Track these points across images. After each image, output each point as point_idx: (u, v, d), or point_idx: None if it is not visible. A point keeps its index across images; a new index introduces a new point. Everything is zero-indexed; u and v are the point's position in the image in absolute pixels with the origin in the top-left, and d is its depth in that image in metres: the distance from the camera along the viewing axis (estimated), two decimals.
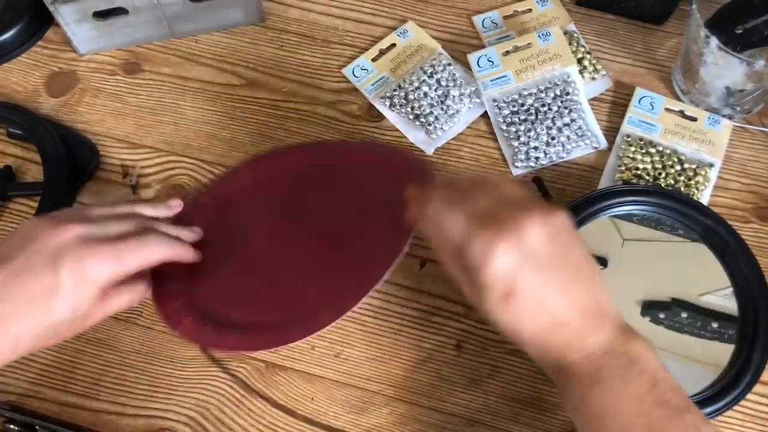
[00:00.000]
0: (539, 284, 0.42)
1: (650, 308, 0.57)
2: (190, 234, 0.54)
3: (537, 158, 0.65)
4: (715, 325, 0.56)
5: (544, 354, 0.44)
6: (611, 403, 0.42)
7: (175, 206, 0.56)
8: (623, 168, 0.64)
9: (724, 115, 0.66)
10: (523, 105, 0.67)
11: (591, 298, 0.44)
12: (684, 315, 0.57)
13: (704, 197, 0.63)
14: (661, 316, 0.57)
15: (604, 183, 0.64)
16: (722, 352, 0.55)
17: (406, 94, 0.68)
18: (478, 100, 0.68)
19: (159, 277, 0.53)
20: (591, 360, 0.42)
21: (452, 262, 0.44)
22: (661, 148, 0.65)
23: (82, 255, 0.46)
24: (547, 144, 0.65)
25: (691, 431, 0.41)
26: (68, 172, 0.64)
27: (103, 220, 0.49)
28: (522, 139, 0.66)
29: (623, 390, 0.42)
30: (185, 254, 0.52)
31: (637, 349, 0.43)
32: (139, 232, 0.49)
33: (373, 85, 0.70)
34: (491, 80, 0.68)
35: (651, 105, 0.67)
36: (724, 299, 0.57)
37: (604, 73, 0.70)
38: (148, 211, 0.54)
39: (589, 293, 0.44)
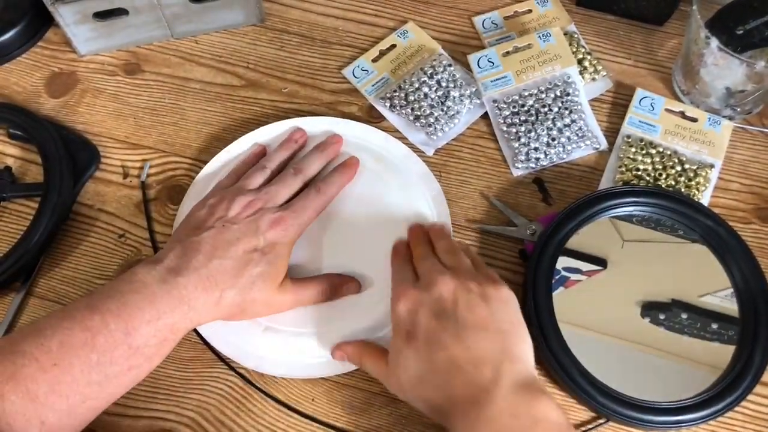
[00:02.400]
0: (435, 327, 0.48)
1: (650, 309, 0.57)
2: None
3: (537, 159, 0.65)
4: (715, 326, 0.56)
5: (448, 403, 0.46)
6: None
7: (299, 137, 0.64)
8: (624, 169, 0.64)
9: (724, 116, 0.66)
10: (523, 106, 0.67)
11: (494, 354, 0.46)
12: (684, 316, 0.57)
13: (705, 198, 0.63)
14: (661, 317, 0.57)
15: (604, 184, 0.64)
16: (722, 353, 0.55)
17: (407, 95, 0.68)
18: (478, 101, 0.68)
19: None
20: (491, 420, 0.44)
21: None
22: (661, 149, 0.65)
23: (273, 226, 0.54)
24: (548, 145, 0.65)
25: None
26: (68, 172, 0.64)
27: (266, 187, 0.57)
28: (522, 139, 0.66)
29: None
30: (340, 188, 0.61)
31: (540, 410, 0.44)
32: (303, 194, 0.58)
33: (373, 86, 0.70)
34: (491, 81, 0.68)
35: (651, 106, 0.67)
36: (724, 300, 0.57)
37: (605, 73, 0.70)
38: (282, 155, 0.62)
39: (495, 350, 0.47)
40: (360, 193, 0.62)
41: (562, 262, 0.58)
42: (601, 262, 0.59)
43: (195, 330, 0.58)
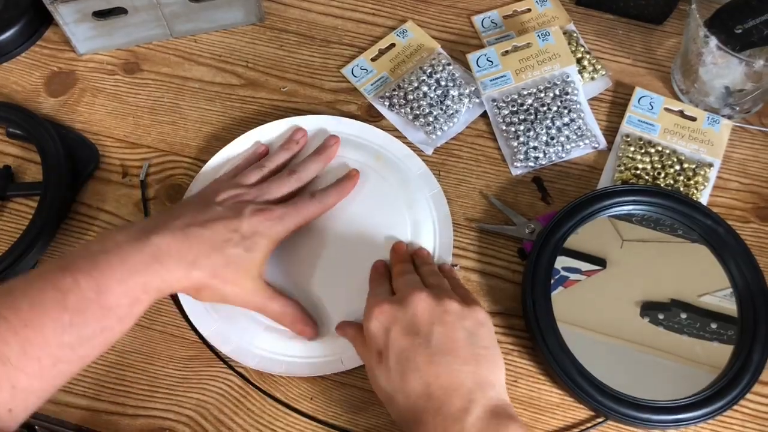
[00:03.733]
0: (407, 347, 0.47)
1: (649, 309, 0.57)
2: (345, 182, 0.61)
3: (536, 158, 0.65)
4: (714, 325, 0.56)
5: (417, 426, 0.46)
6: None
7: (301, 138, 0.64)
8: (622, 168, 0.64)
9: (723, 115, 0.66)
10: (522, 105, 0.67)
11: (466, 383, 0.46)
12: (683, 316, 0.57)
13: (704, 197, 0.63)
14: (661, 316, 0.57)
15: (603, 183, 0.64)
16: (721, 352, 0.55)
17: (406, 94, 0.68)
18: (477, 100, 0.68)
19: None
20: None
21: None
22: (660, 148, 0.65)
23: (258, 213, 0.54)
24: (547, 144, 0.65)
25: None
26: (68, 171, 0.64)
27: (259, 184, 0.58)
28: (521, 138, 0.66)
29: None
30: (337, 199, 0.60)
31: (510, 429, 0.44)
32: (297, 198, 0.58)
33: (372, 84, 0.70)
34: (490, 80, 0.68)
35: (650, 105, 0.67)
36: (723, 300, 0.57)
37: (604, 72, 0.70)
38: (282, 156, 0.62)
39: (467, 378, 0.46)
40: (360, 191, 0.62)
41: (562, 261, 0.58)
42: (600, 262, 0.59)
43: (195, 330, 0.58)
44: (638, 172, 0.64)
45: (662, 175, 0.63)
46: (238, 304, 0.54)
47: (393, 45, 0.72)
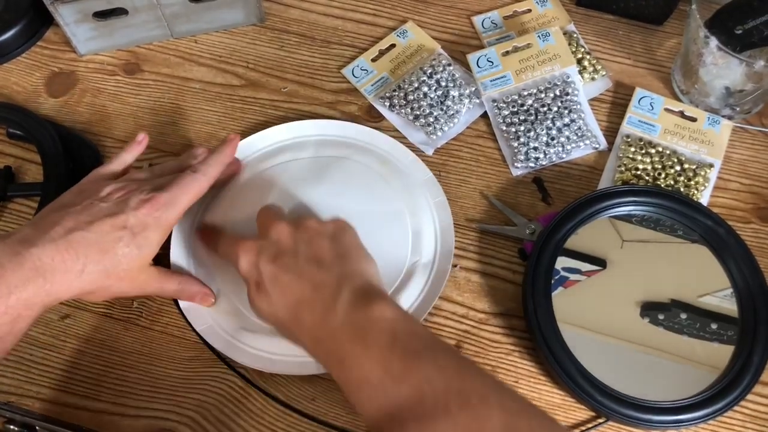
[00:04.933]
0: (278, 269, 0.49)
1: (649, 309, 0.57)
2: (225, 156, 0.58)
3: (537, 158, 0.65)
4: (714, 326, 0.56)
5: (305, 335, 0.47)
6: (361, 376, 0.43)
7: (200, 154, 0.59)
8: (623, 168, 0.64)
9: (723, 116, 0.66)
10: (522, 105, 0.67)
11: (332, 278, 0.48)
12: (683, 316, 0.57)
13: (704, 197, 0.63)
14: (661, 317, 0.57)
15: (603, 183, 0.64)
16: (722, 353, 0.55)
17: (406, 95, 0.68)
18: (477, 101, 0.68)
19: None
20: (332, 332, 0.45)
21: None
22: (660, 149, 0.65)
23: (144, 204, 0.51)
24: (547, 144, 0.65)
25: (430, 367, 0.42)
26: (68, 172, 0.64)
27: (150, 178, 0.56)
28: (522, 139, 0.66)
29: (366, 357, 0.43)
30: (219, 166, 0.57)
31: (377, 310, 0.45)
32: (177, 176, 0.55)
33: (372, 85, 0.70)
34: (491, 80, 0.68)
35: (651, 105, 0.67)
36: (723, 300, 0.57)
37: (604, 73, 0.70)
38: (171, 164, 0.59)
39: (333, 274, 0.48)
40: (363, 193, 0.62)
41: (562, 262, 0.58)
42: (601, 262, 0.59)
43: (195, 330, 0.58)
44: (639, 172, 0.64)
45: (663, 175, 0.63)
46: (134, 294, 0.55)
47: (393, 45, 0.72)
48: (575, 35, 0.72)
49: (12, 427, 0.57)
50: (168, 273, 0.56)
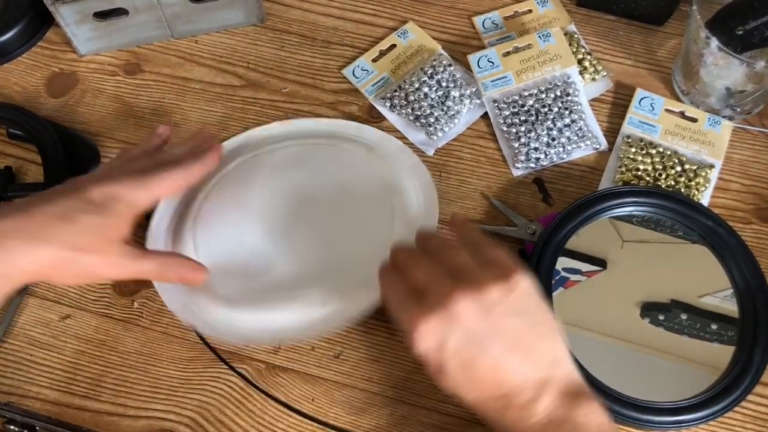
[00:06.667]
0: (466, 359, 0.43)
1: (650, 310, 0.57)
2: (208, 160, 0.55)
3: (537, 159, 0.65)
4: (714, 326, 0.56)
5: (495, 424, 0.45)
6: None
7: (162, 132, 0.58)
8: (623, 169, 0.64)
9: (724, 116, 0.66)
10: (523, 106, 0.67)
11: (532, 367, 0.44)
12: (684, 317, 0.57)
13: (705, 198, 0.63)
14: (661, 317, 0.57)
15: (604, 184, 0.64)
16: (722, 353, 0.55)
17: (407, 95, 0.68)
18: (478, 101, 0.68)
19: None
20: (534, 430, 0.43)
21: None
22: (661, 149, 0.65)
23: (110, 180, 0.49)
24: (548, 145, 0.65)
25: None
26: (68, 172, 0.64)
27: (125, 162, 0.53)
28: (522, 140, 0.66)
29: None
30: (198, 174, 0.54)
31: (583, 415, 0.43)
32: (157, 165, 0.52)
33: (373, 85, 0.70)
34: (492, 81, 0.68)
35: (651, 106, 0.67)
36: (723, 301, 0.57)
37: (605, 74, 0.70)
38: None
39: (531, 362, 0.44)
40: (347, 179, 0.62)
41: (562, 262, 0.58)
42: (601, 263, 0.59)
43: (195, 330, 0.58)
44: (639, 173, 0.64)
45: (663, 176, 0.63)
46: (108, 274, 0.50)
47: (394, 46, 0.72)
48: (576, 36, 0.72)
49: (12, 427, 0.57)
50: (145, 252, 0.53)
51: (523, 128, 0.66)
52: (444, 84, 0.68)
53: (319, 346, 0.58)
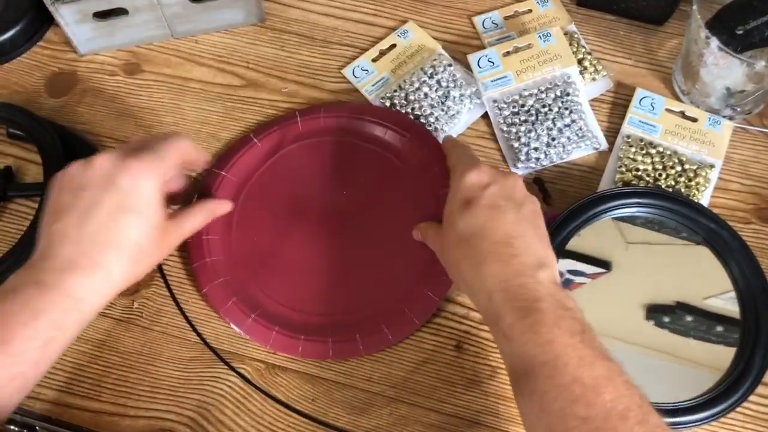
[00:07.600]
0: (501, 204, 0.51)
1: (654, 312, 0.57)
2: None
3: (537, 159, 0.65)
4: (719, 328, 0.56)
5: (488, 276, 0.48)
6: (547, 338, 0.45)
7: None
8: (623, 169, 0.64)
9: (724, 116, 0.66)
10: (523, 106, 0.67)
11: (538, 246, 0.50)
12: (689, 318, 0.56)
13: (705, 198, 0.63)
14: (666, 319, 0.57)
15: (604, 184, 0.64)
16: (725, 354, 0.55)
17: (407, 95, 0.68)
18: (478, 101, 0.68)
19: (200, 250, 0.60)
20: (531, 291, 0.47)
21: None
22: (661, 149, 0.65)
23: (127, 166, 0.50)
24: (548, 145, 0.65)
25: (614, 374, 0.44)
26: None
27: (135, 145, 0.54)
28: (522, 139, 0.65)
29: (556, 324, 0.45)
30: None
31: (570, 301, 0.47)
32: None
33: (373, 85, 0.70)
34: (492, 81, 0.68)
35: (651, 106, 0.67)
36: (728, 302, 0.57)
37: (605, 73, 0.70)
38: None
39: (537, 244, 0.50)
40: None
41: (566, 264, 0.58)
42: (605, 265, 0.59)
43: (195, 330, 0.58)
44: (639, 173, 0.64)
45: (663, 176, 0.63)
46: (168, 252, 0.55)
47: (394, 46, 0.72)
48: (576, 35, 0.72)
49: (12, 427, 0.57)
50: (184, 214, 0.56)
51: (523, 128, 0.66)
52: (444, 84, 0.68)
53: None
